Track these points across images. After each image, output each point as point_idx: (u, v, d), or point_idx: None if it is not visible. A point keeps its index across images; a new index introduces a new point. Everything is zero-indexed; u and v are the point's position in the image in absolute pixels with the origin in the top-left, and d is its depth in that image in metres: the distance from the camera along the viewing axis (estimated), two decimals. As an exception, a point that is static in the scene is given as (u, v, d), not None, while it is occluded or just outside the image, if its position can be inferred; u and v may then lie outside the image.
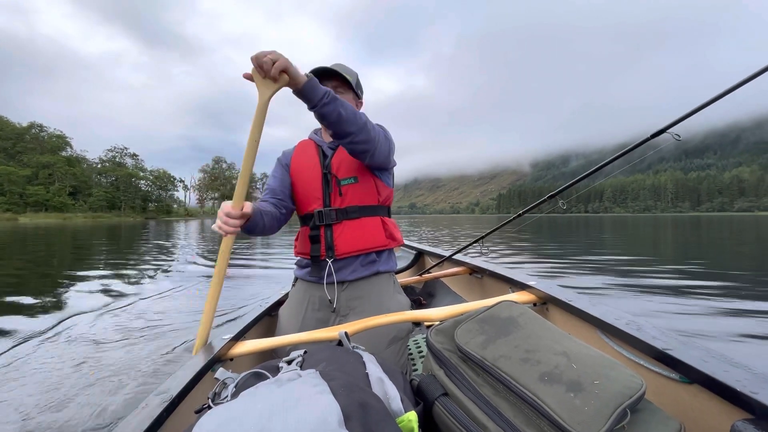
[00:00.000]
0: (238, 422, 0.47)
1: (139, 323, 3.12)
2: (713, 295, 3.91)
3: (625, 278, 5.00)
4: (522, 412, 0.61)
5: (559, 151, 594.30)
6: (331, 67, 1.31)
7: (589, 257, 7.38)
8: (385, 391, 0.62)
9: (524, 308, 0.81)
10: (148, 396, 0.77)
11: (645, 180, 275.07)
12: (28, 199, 69.34)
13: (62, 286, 4.79)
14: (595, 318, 0.97)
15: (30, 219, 58.90)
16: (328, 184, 1.32)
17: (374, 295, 1.30)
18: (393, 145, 1.34)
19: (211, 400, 0.64)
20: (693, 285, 4.45)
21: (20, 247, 11.07)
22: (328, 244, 1.29)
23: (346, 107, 1.08)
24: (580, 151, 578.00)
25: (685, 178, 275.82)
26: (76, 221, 54.94)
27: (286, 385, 0.55)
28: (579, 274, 5.36)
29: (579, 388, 0.58)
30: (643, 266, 6.07)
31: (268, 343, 1.08)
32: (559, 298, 1.15)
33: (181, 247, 10.69)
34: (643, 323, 0.88)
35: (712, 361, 0.68)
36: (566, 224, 28.30)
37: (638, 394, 0.57)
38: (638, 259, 7.20)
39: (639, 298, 3.85)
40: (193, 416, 0.63)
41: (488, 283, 1.83)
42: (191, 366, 0.91)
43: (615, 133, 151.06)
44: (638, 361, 0.82)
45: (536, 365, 0.64)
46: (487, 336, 0.73)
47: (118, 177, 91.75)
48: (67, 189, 78.37)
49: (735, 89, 1.10)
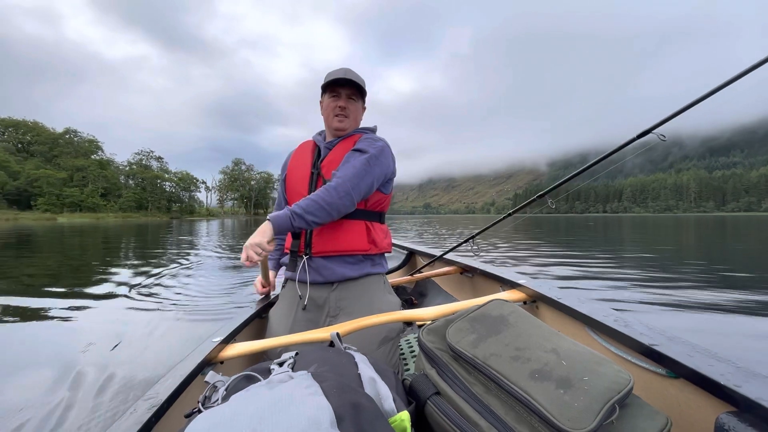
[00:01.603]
0: (229, 426, 0.46)
1: (138, 323, 3.07)
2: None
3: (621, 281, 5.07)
4: (513, 410, 0.61)
5: (578, 150, 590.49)
6: (348, 78, 1.35)
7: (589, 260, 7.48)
8: (377, 391, 0.62)
9: (514, 306, 0.82)
10: (137, 401, 0.75)
11: (666, 179, 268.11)
12: (65, 200, 74.67)
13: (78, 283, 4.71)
14: (584, 315, 0.99)
15: (67, 219, 63.02)
16: (314, 183, 1.35)
17: (365, 295, 1.30)
18: (383, 165, 1.33)
19: (202, 404, 0.63)
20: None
21: (59, 243, 11.80)
22: (307, 241, 1.32)
23: (312, 212, 1.17)
24: (600, 149, 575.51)
25: (710, 177, 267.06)
26: (107, 221, 58.31)
27: (278, 387, 0.55)
28: (580, 275, 5.37)
29: (569, 384, 0.59)
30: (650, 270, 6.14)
31: (259, 345, 1.07)
32: (549, 296, 1.16)
33: (202, 244, 11.28)
34: (631, 320, 0.90)
35: (697, 355, 0.70)
36: (581, 224, 27.35)
37: (626, 390, 0.58)
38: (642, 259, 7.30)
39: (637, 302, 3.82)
40: (182, 420, 0.62)
41: (479, 282, 1.84)
42: (180, 369, 0.89)
43: (639, 125, 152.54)
44: (626, 356, 0.84)
45: (527, 363, 0.64)
46: (478, 334, 0.74)
47: (145, 179, 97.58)
48: (99, 190, 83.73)
49: (721, 88, 1.09)
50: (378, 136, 1.41)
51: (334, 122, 1.38)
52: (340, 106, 1.37)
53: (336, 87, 1.38)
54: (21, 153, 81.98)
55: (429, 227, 24.82)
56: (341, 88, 1.38)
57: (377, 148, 1.32)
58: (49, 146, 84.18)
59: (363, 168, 1.25)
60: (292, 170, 1.44)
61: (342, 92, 1.38)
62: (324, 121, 1.45)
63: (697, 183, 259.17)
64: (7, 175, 68.23)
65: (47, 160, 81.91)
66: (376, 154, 1.30)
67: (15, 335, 2.87)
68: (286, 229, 1.16)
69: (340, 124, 1.38)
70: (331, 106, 1.38)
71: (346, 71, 1.38)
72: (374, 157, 1.29)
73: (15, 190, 68.55)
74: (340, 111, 1.37)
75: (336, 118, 1.38)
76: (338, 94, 1.38)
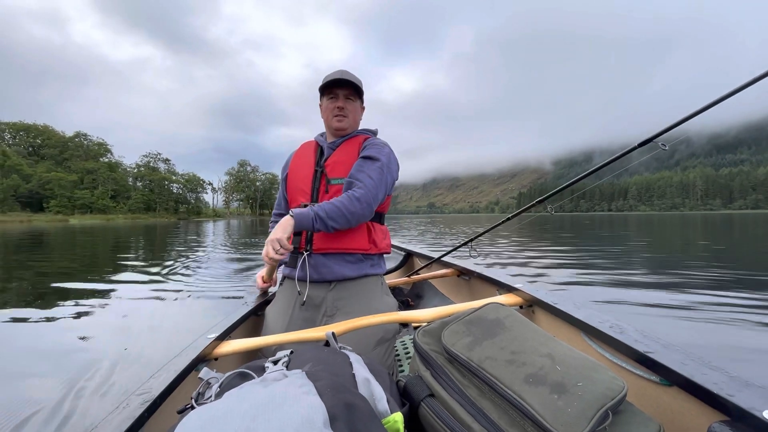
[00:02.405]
0: (222, 422, 0.46)
1: (138, 322, 3.06)
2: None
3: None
4: (507, 414, 0.61)
5: (582, 148, 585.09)
6: (344, 78, 1.38)
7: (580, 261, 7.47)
8: (371, 391, 0.62)
9: (511, 310, 0.82)
10: (129, 396, 0.75)
11: (672, 177, 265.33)
12: (76, 202, 77.02)
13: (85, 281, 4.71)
14: (580, 321, 0.99)
15: (78, 220, 64.18)
16: (318, 181, 1.37)
17: (362, 295, 1.31)
18: (392, 171, 1.39)
19: (195, 400, 0.63)
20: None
21: (71, 242, 11.94)
22: (308, 238, 1.34)
23: (334, 218, 1.19)
24: (605, 148, 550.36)
25: (716, 174, 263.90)
26: (117, 222, 59.97)
27: (272, 386, 0.55)
28: (584, 276, 5.30)
29: (563, 389, 0.59)
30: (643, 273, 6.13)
31: (254, 342, 1.07)
32: (545, 300, 1.16)
33: (209, 243, 11.41)
34: (626, 326, 0.90)
35: (691, 364, 0.70)
36: (584, 222, 27.53)
37: (620, 396, 0.58)
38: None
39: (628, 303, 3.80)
40: (175, 416, 0.62)
41: (476, 285, 1.85)
42: (174, 365, 0.89)
43: (640, 129, 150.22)
44: (620, 363, 0.84)
45: (521, 367, 0.64)
46: (474, 337, 0.74)
47: (153, 181, 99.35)
48: (109, 192, 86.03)
49: (732, 95, 1.02)
50: (382, 141, 1.43)
51: (333, 122, 1.41)
52: (339, 106, 1.40)
53: (333, 88, 1.41)
54: (32, 156, 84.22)
55: (432, 227, 24.69)
56: (338, 89, 1.41)
57: (386, 155, 1.36)
58: (59, 149, 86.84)
59: (379, 178, 1.30)
60: (294, 169, 1.46)
61: (339, 93, 1.41)
62: (324, 123, 1.48)
63: (703, 181, 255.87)
64: (20, 178, 70.25)
65: (58, 163, 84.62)
66: (387, 162, 1.35)
67: (13, 333, 2.86)
68: (306, 228, 1.18)
69: (339, 123, 1.41)
70: (330, 107, 1.41)
71: (343, 72, 1.41)
72: (386, 165, 1.34)
73: (27, 193, 70.65)
74: (339, 111, 1.40)
75: (335, 118, 1.41)
76: (336, 96, 1.41)
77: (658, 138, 1.22)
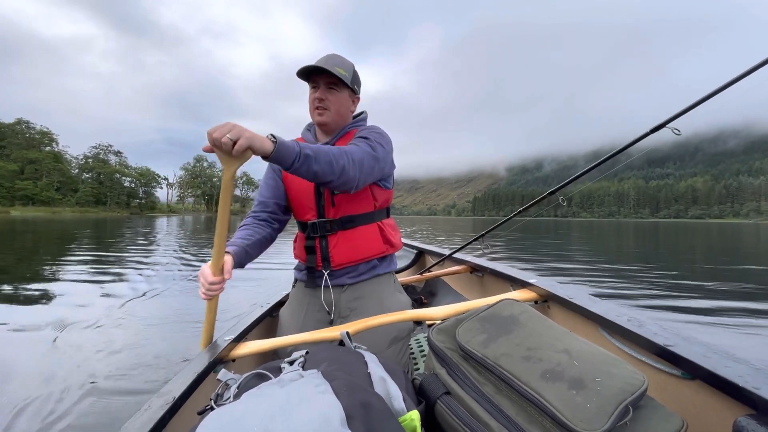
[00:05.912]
0: (241, 423, 0.47)
1: (139, 322, 3.13)
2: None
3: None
4: (524, 410, 0.61)
5: (534, 156, 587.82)
6: (321, 66, 1.17)
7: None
8: (387, 390, 0.62)
9: (525, 306, 0.81)
10: (151, 398, 0.77)
11: (610, 187, 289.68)
12: (16, 193, 72.56)
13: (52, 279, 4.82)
14: (597, 315, 0.97)
15: (21, 212, 61.62)
16: (321, 195, 1.25)
17: (375, 295, 1.30)
18: (386, 154, 1.23)
19: (214, 402, 0.64)
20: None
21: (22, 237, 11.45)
22: (324, 255, 1.26)
23: (320, 161, 0.98)
24: (555, 156, 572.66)
25: (646, 186, 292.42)
26: (64, 215, 57.75)
27: (289, 386, 0.55)
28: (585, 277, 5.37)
29: (581, 385, 0.58)
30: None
31: (270, 343, 1.08)
32: (560, 295, 1.14)
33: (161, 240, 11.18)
34: (645, 320, 0.88)
35: (714, 357, 0.68)
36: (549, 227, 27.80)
37: (640, 391, 0.57)
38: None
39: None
40: (195, 418, 0.63)
41: (489, 281, 1.83)
42: (193, 367, 0.91)
43: (588, 139, 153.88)
44: (640, 357, 0.82)
45: (538, 363, 0.64)
46: (489, 334, 0.73)
47: (103, 173, 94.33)
48: (54, 184, 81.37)
49: (735, 82, 1.11)
50: (375, 126, 1.30)
51: (314, 116, 1.24)
52: (318, 97, 1.21)
53: (313, 76, 1.21)
54: (-36, 144, 77.30)
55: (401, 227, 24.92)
56: (318, 76, 1.21)
57: (380, 134, 1.23)
58: (-3, 138, 79.99)
59: (369, 154, 1.14)
60: (291, 180, 1.30)
61: (320, 81, 1.21)
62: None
63: (636, 191, 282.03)
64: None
65: (-5, 150, 78.24)
66: (376, 141, 1.20)
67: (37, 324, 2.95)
68: (281, 162, 0.93)
69: (319, 118, 1.23)
70: (311, 99, 1.24)
71: (327, 58, 1.21)
72: (379, 136, 1.22)
73: (-40, 182, 63.56)
74: (318, 103, 1.21)
75: (315, 111, 1.23)
76: (317, 84, 1.22)
77: (670, 123, 1.21)
